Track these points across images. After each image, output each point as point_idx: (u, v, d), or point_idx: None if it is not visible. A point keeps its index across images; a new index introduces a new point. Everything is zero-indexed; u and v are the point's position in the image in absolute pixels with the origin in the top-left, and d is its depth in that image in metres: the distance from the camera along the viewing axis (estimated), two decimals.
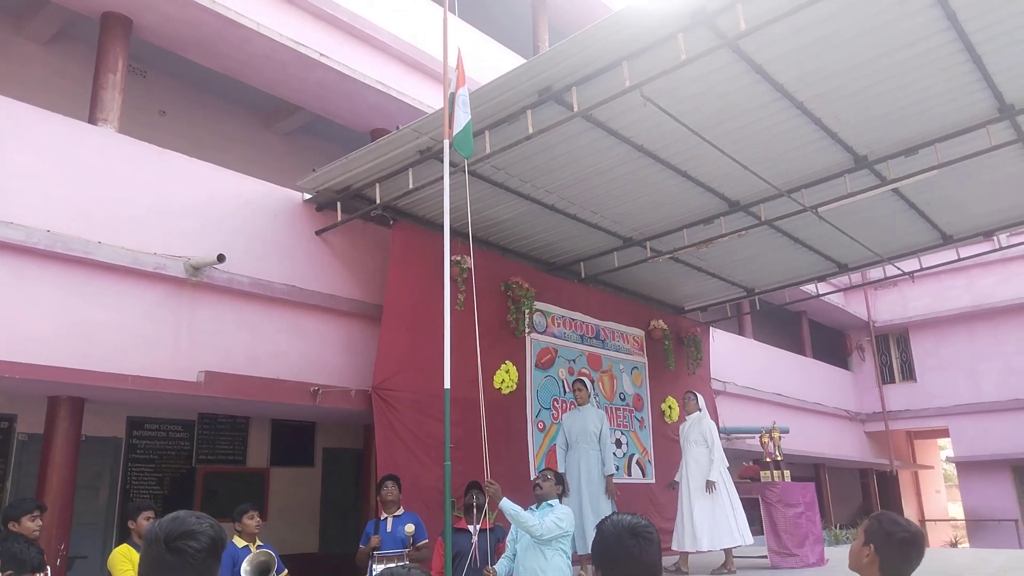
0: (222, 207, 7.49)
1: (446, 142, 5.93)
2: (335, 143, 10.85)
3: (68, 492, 6.59)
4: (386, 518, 6.29)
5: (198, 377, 6.77)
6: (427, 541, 6.35)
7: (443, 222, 5.89)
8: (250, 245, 7.55)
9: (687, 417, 8.76)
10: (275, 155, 10.97)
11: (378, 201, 7.59)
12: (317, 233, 8.16)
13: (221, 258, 6.85)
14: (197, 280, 7.00)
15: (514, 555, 5.59)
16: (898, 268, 11.49)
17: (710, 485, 8.21)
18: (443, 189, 5.93)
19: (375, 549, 6.11)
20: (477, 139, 6.48)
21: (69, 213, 6.38)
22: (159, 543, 1.77)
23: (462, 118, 5.72)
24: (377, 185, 7.51)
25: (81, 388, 6.41)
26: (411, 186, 7.23)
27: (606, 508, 7.77)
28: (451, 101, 5.77)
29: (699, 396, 8.83)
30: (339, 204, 7.98)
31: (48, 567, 5.08)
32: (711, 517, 8.16)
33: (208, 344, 7.08)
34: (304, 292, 7.85)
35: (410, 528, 6.20)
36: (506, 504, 5.29)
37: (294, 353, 7.74)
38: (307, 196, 8.11)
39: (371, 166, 7.35)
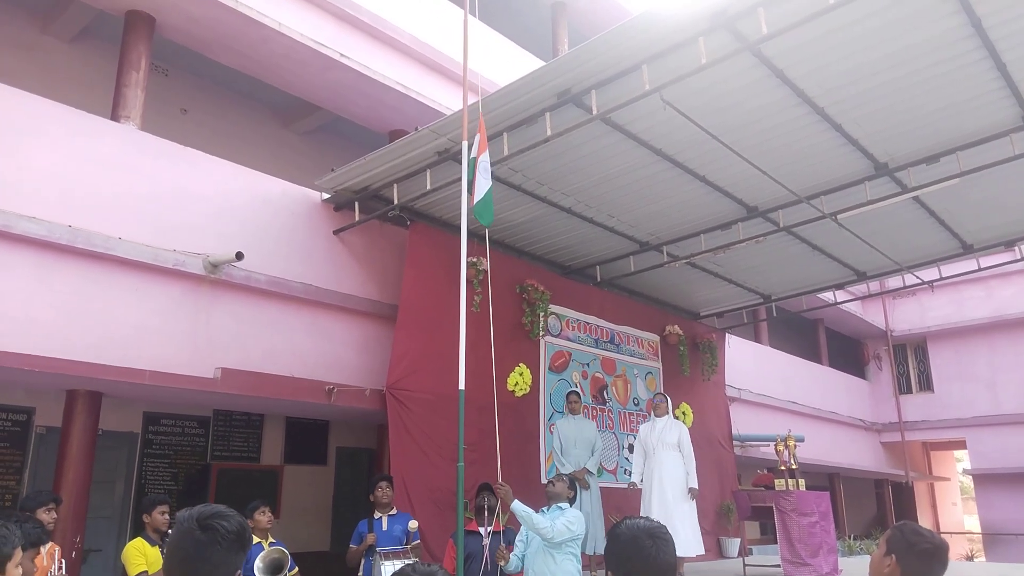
0: (241, 205, 7.54)
1: (464, 143, 5.94)
2: (354, 143, 10.90)
3: (84, 485, 6.65)
4: (380, 517, 6.30)
5: (214, 373, 6.81)
6: (419, 543, 6.37)
7: (460, 223, 5.89)
8: (268, 243, 7.60)
9: (655, 419, 8.33)
10: (294, 154, 11.03)
11: (396, 202, 7.62)
12: (335, 233, 8.20)
13: (239, 256, 6.90)
14: (215, 277, 7.05)
15: (523, 556, 5.59)
16: (917, 277, 11.38)
17: (694, 492, 8.02)
18: (460, 191, 5.94)
19: (371, 546, 6.11)
20: (495, 141, 6.50)
21: (90, 209, 6.44)
22: (191, 521, 1.84)
23: (483, 185, 5.69)
24: (395, 186, 7.53)
25: (99, 382, 6.47)
26: (429, 187, 7.25)
27: (597, 506, 8.14)
28: (471, 166, 5.74)
29: (669, 399, 8.57)
30: (357, 204, 8.01)
31: (59, 548, 5.14)
32: (685, 523, 7.91)
33: (225, 341, 7.13)
34: (321, 291, 7.88)
35: (413, 524, 6.20)
36: (517, 506, 5.29)
37: (310, 352, 7.77)
38: (325, 196, 8.15)
39: (389, 167, 7.38)
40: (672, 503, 7.90)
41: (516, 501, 5.32)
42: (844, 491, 18.13)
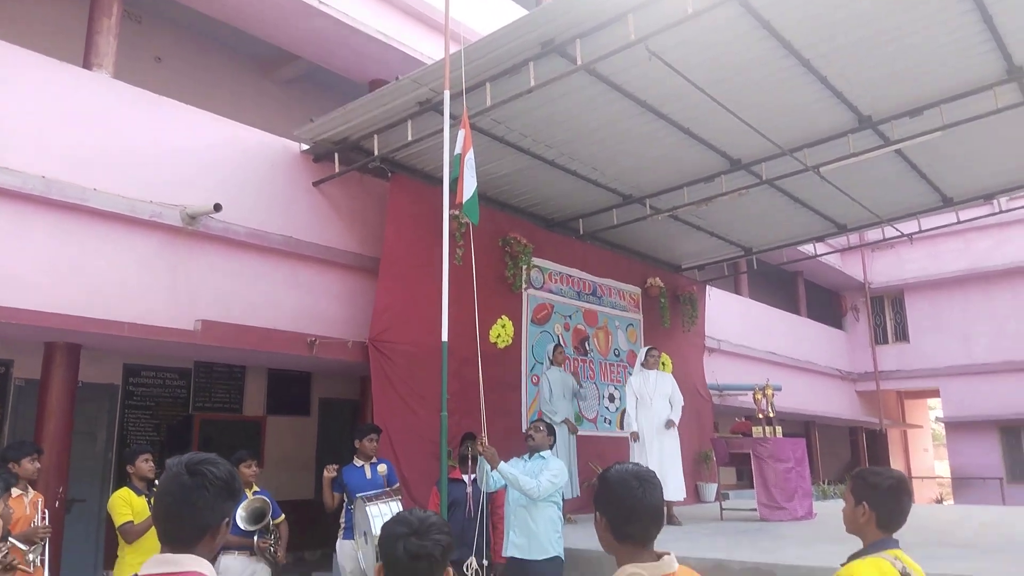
0: (219, 156, 7.41)
1: (446, 93, 5.85)
2: (333, 93, 10.70)
3: (65, 437, 6.66)
4: (363, 465, 6.37)
5: (195, 326, 6.78)
6: (399, 485, 6.46)
7: (442, 175, 5.84)
8: (247, 195, 7.50)
9: (647, 371, 8.64)
10: (273, 104, 10.82)
11: (376, 153, 7.52)
12: (314, 184, 8.10)
13: (217, 207, 6.81)
14: (193, 229, 6.97)
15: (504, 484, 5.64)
16: (897, 230, 11.48)
17: (671, 424, 8.38)
18: (442, 142, 5.87)
19: (349, 493, 6.16)
20: (478, 91, 6.41)
21: (64, 159, 6.31)
22: (180, 466, 1.86)
23: (470, 184, 5.64)
24: (375, 137, 7.43)
25: (77, 335, 6.43)
26: (410, 138, 7.16)
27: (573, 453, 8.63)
28: (455, 163, 5.68)
29: (659, 353, 8.98)
30: (337, 155, 7.91)
31: (42, 498, 5.19)
32: (678, 470, 8.38)
33: (205, 293, 7.08)
34: (301, 243, 7.82)
35: (382, 468, 6.29)
36: (504, 468, 5.36)
37: (291, 304, 7.75)
38: (304, 147, 8.03)
39: (369, 117, 7.27)
40: (669, 452, 8.35)
41: (502, 463, 5.39)
42: (819, 438, 18.53)
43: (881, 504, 2.56)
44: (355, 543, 5.94)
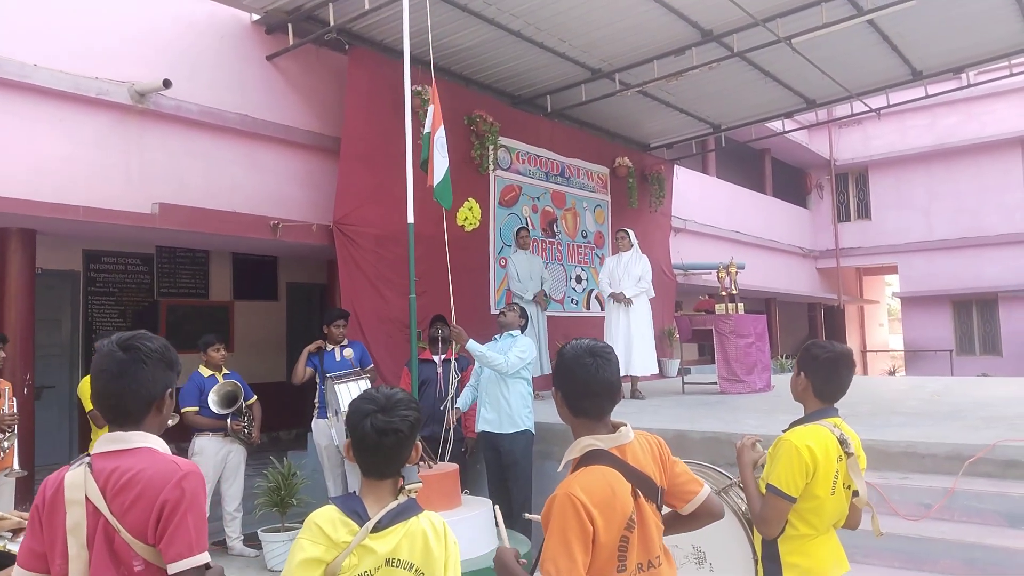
0: (165, 28, 7.00)
1: None
2: None
3: (28, 323, 6.55)
4: (332, 348, 6.43)
5: (152, 209, 6.59)
6: (372, 366, 6.55)
7: (402, 48, 5.58)
8: (198, 70, 7.14)
9: (622, 253, 8.71)
10: None
11: (332, 23, 7.15)
12: (268, 59, 7.73)
13: (167, 83, 6.49)
14: (143, 107, 6.66)
15: (476, 386, 5.82)
16: (865, 104, 11.39)
17: (620, 297, 8.42)
18: (402, 11, 5.57)
19: (323, 373, 6.25)
20: None
21: (0, 33, 5.91)
22: (112, 344, 1.85)
23: (440, 164, 5.28)
24: (330, 5, 7.04)
25: (31, 219, 6.21)
26: (367, 6, 6.79)
27: (544, 332, 8.78)
28: (425, 142, 5.33)
29: (631, 233, 8.86)
30: (290, 27, 7.50)
31: (10, 386, 5.17)
32: (645, 347, 8.52)
33: (160, 175, 6.84)
34: (258, 122, 7.53)
35: (349, 352, 6.38)
36: (472, 346, 5.43)
37: (250, 186, 7.53)
38: (256, 17, 7.60)
39: None
40: (637, 329, 8.42)
41: (471, 341, 5.45)
42: (779, 314, 19.04)
43: (817, 374, 2.68)
44: (328, 420, 6.06)
